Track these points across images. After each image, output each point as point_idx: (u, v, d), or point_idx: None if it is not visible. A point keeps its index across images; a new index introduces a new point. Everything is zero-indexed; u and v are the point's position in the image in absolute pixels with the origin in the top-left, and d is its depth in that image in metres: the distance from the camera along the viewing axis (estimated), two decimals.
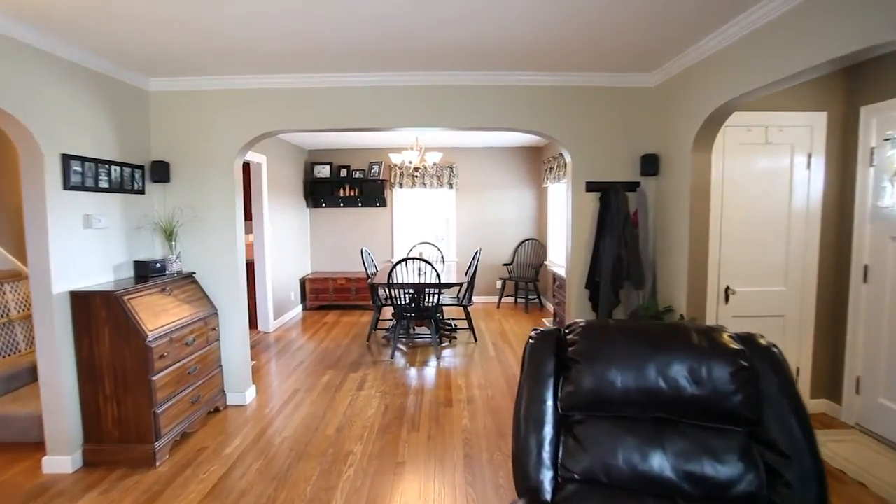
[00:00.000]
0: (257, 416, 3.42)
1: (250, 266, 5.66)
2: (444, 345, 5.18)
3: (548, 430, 1.52)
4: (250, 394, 3.69)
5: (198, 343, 3.15)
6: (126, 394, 2.69)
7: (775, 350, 1.47)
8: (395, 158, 5.40)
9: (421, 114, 3.41)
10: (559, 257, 6.38)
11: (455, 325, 5.82)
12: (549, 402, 1.55)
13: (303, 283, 7.01)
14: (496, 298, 7.35)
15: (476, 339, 5.32)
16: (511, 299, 7.40)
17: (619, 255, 3.34)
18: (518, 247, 7.39)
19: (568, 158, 3.54)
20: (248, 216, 5.67)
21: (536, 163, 7.31)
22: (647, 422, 1.48)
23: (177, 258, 3.32)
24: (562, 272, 4.63)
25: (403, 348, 5.08)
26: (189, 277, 3.38)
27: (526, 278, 6.94)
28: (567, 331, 1.64)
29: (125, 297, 2.71)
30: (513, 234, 7.43)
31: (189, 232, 3.46)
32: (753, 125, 3.14)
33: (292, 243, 6.66)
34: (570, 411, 1.53)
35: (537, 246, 7.27)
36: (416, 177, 5.35)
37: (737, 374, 1.40)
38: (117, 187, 3.07)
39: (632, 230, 3.38)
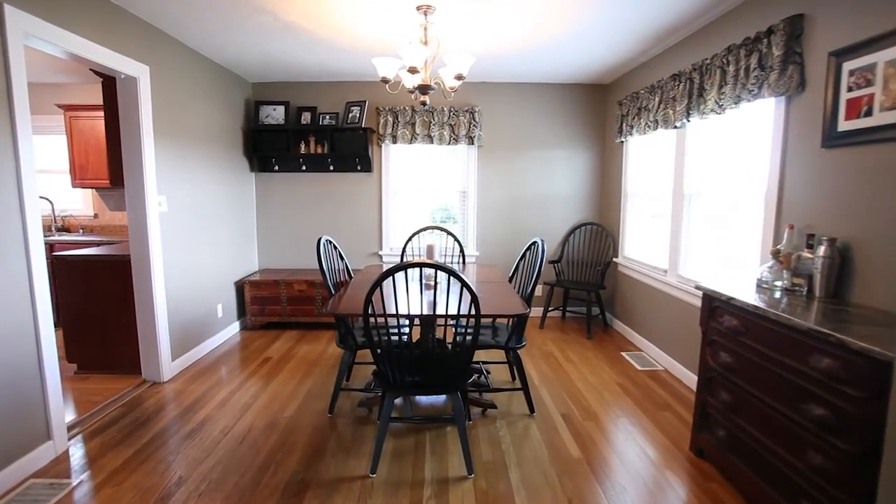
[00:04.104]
0: None
1: (125, 266, 3.17)
2: (472, 420, 2.78)
3: None
4: None
5: None
6: None
7: None
8: (386, 68, 2.82)
9: None
10: (648, 255, 3.91)
11: (487, 374, 3.41)
12: None
13: (240, 288, 4.53)
14: (537, 312, 4.94)
15: (532, 410, 2.91)
16: (558, 313, 5.00)
17: None
18: (569, 235, 4.94)
19: None
20: (118, 181, 3.16)
21: (600, 108, 4.82)
22: None
23: None
24: (718, 289, 2.22)
25: (400, 425, 2.68)
26: None
27: (585, 284, 4.51)
28: None
29: None
30: (562, 215, 4.97)
31: None
32: None
33: (223, 228, 4.16)
34: None
35: (600, 235, 4.83)
36: (424, 105, 2.87)
37: None
38: None
39: None
